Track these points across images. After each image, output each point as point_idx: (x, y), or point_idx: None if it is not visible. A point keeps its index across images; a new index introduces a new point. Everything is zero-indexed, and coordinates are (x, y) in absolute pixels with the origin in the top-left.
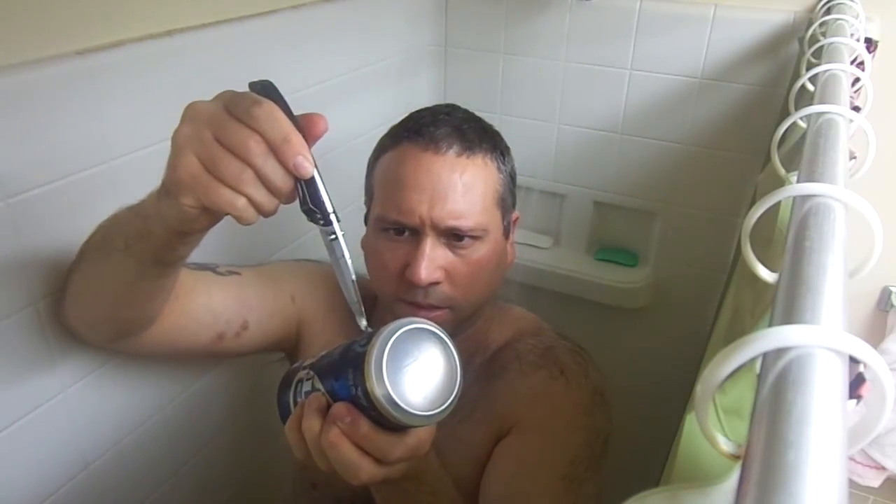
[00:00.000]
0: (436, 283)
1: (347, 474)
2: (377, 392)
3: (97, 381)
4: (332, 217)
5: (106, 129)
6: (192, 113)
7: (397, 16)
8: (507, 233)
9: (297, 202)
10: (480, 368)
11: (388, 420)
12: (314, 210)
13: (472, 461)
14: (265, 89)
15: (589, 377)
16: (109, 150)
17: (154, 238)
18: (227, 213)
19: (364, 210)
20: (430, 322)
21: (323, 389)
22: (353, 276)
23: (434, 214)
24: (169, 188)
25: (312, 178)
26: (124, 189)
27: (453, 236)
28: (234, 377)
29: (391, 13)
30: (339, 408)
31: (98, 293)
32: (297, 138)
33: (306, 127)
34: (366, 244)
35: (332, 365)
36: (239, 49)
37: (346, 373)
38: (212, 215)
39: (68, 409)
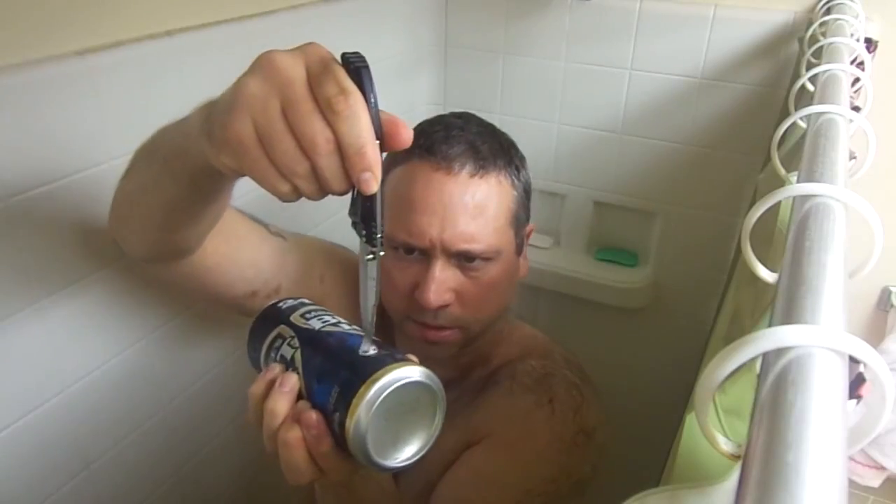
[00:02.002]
0: (446, 306)
1: (289, 475)
2: (353, 435)
3: (97, 380)
4: (379, 239)
5: (106, 129)
6: (267, 69)
7: (397, 16)
8: (519, 249)
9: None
10: (476, 382)
11: (349, 454)
12: (359, 223)
13: (442, 466)
14: (357, 73)
15: (579, 415)
16: (109, 150)
17: (190, 159)
18: (266, 190)
19: None
20: (436, 381)
21: (301, 373)
22: (375, 301)
23: (445, 237)
24: (212, 135)
25: (373, 195)
26: None
27: (464, 258)
28: (235, 377)
29: (391, 13)
30: (310, 417)
31: (133, 203)
32: (372, 151)
33: (386, 135)
34: None
35: (320, 357)
36: (239, 49)
37: (332, 384)
38: None
39: (68, 408)
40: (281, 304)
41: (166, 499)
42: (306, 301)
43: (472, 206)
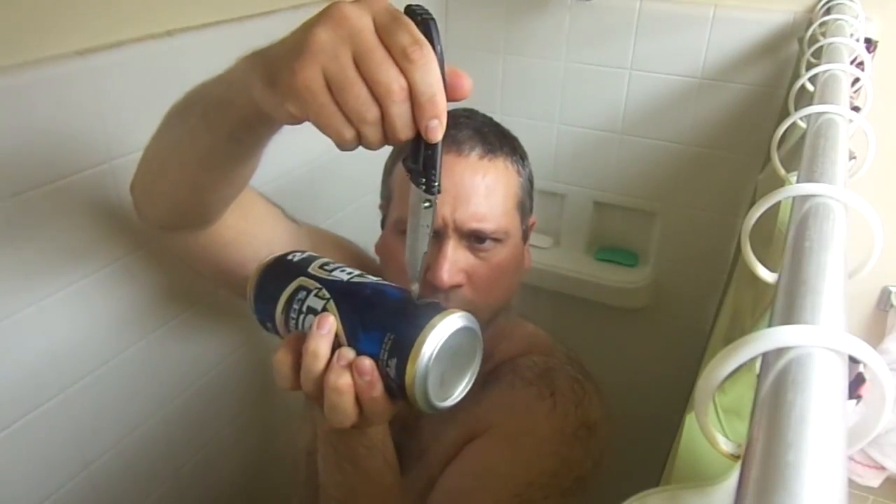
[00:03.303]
0: (457, 287)
1: (333, 418)
2: (415, 379)
3: (97, 380)
4: (437, 187)
5: (106, 129)
6: (337, 18)
7: None
8: (525, 237)
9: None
10: (479, 378)
11: (403, 397)
12: (419, 171)
13: (444, 460)
14: (425, 25)
15: (581, 409)
16: (109, 150)
17: (233, 109)
18: (329, 137)
19: (365, 209)
20: (477, 324)
21: (339, 321)
22: (426, 249)
23: (457, 216)
24: (276, 83)
25: (436, 144)
26: (125, 189)
27: (475, 239)
28: (235, 376)
29: None
30: (365, 364)
31: (165, 161)
32: (442, 99)
33: (449, 85)
34: (383, 248)
35: (362, 306)
36: (239, 49)
37: (383, 332)
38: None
39: (68, 409)
40: (291, 257)
41: (166, 499)
42: (314, 254)
43: (483, 187)
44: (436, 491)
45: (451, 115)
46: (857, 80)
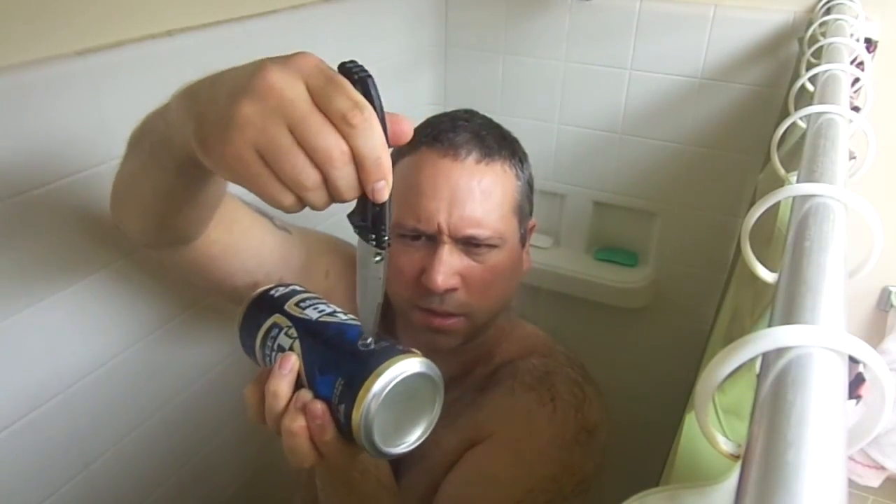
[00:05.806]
0: (452, 290)
1: (292, 459)
2: (361, 426)
3: (97, 380)
4: (387, 242)
5: (106, 130)
6: (262, 90)
7: (397, 16)
8: (523, 241)
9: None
10: (478, 380)
11: (353, 441)
12: (368, 227)
13: (444, 466)
14: (364, 84)
15: (581, 413)
16: (109, 150)
17: (176, 148)
18: (268, 203)
19: None
20: (436, 370)
21: (301, 361)
22: (381, 300)
23: (452, 221)
24: (207, 149)
25: (384, 203)
26: None
27: (470, 243)
28: (235, 376)
29: (391, 13)
30: (316, 408)
31: (128, 189)
32: (387, 159)
33: (391, 133)
34: None
35: (321, 348)
36: (239, 49)
37: (336, 376)
38: None
39: (68, 409)
40: (273, 292)
41: (166, 499)
42: (298, 288)
43: (479, 192)
44: (438, 499)
45: (450, 117)
46: (857, 80)
